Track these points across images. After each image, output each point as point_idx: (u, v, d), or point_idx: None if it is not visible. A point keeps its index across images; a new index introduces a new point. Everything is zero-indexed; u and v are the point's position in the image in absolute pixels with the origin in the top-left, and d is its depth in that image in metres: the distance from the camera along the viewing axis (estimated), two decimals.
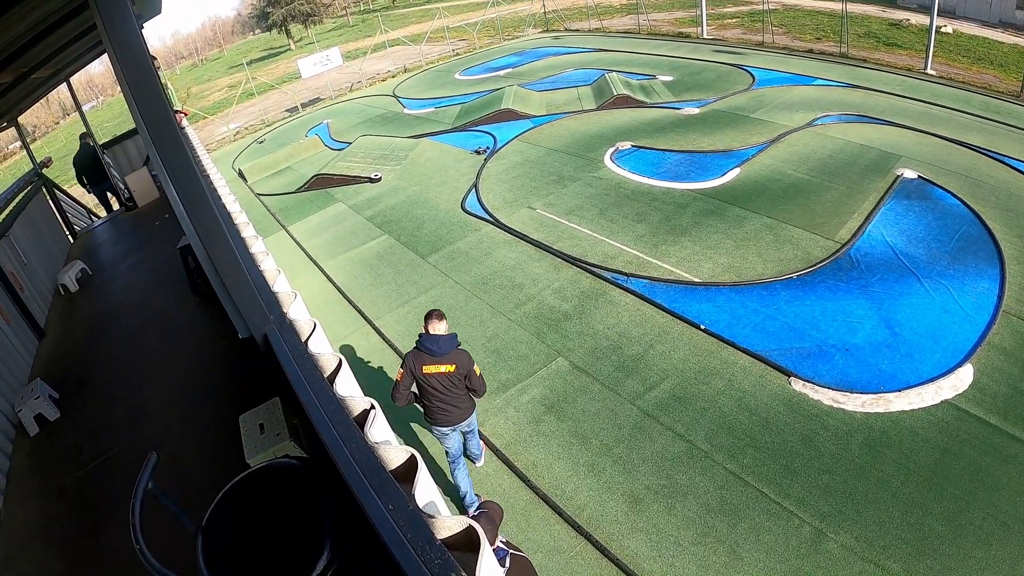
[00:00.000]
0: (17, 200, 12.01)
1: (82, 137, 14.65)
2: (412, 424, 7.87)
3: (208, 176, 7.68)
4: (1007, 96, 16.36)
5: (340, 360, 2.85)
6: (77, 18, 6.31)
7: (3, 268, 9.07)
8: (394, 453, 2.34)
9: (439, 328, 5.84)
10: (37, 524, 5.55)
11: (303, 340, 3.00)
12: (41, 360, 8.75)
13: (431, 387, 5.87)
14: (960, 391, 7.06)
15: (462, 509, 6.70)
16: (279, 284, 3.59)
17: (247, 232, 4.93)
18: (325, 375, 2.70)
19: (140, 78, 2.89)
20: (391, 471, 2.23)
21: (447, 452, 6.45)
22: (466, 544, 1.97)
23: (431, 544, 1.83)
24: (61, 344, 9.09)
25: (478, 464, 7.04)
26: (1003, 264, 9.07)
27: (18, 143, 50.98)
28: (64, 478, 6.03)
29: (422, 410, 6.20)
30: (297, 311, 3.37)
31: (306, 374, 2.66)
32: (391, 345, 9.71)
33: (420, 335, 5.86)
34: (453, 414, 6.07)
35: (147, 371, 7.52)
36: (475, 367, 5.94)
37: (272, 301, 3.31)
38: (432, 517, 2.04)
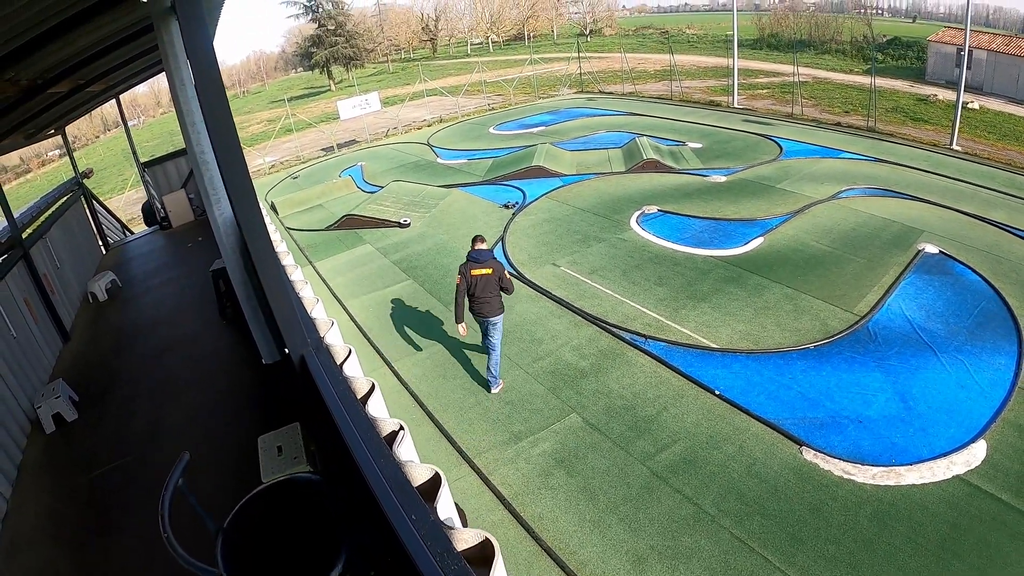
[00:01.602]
0: (57, 205, 12.50)
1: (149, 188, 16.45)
2: None
3: None
4: None
5: (373, 384, 3.04)
6: (139, 39, 6.73)
7: (37, 269, 9.38)
8: (420, 471, 2.49)
9: (482, 246, 8.79)
10: (47, 520, 5.64)
11: (338, 363, 3.20)
12: (64, 363, 8.95)
13: (476, 285, 8.64)
14: (972, 467, 7.03)
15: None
16: (317, 311, 3.79)
17: (287, 261, 5.17)
18: (358, 396, 2.88)
19: (214, 97, 3.14)
20: (417, 487, 2.38)
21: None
22: (481, 556, 2.10)
23: (449, 553, 1.97)
24: (86, 351, 9.31)
25: (493, 354, 9.22)
26: (1021, 340, 9.09)
27: (58, 150, 52.38)
28: (76, 478, 6.14)
29: (468, 307, 8.91)
30: (333, 336, 3.58)
31: (340, 394, 2.84)
32: (408, 389, 9.82)
33: (469, 252, 8.75)
34: (487, 307, 8.77)
35: (170, 388, 7.68)
36: (505, 272, 8.82)
37: (311, 325, 3.51)
38: (451, 528, 2.18)
